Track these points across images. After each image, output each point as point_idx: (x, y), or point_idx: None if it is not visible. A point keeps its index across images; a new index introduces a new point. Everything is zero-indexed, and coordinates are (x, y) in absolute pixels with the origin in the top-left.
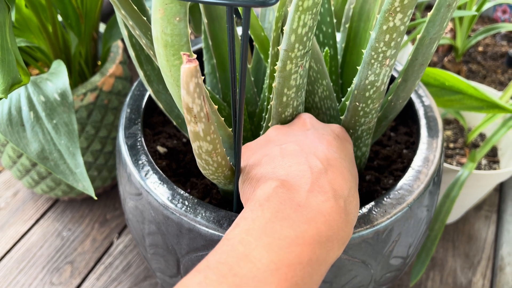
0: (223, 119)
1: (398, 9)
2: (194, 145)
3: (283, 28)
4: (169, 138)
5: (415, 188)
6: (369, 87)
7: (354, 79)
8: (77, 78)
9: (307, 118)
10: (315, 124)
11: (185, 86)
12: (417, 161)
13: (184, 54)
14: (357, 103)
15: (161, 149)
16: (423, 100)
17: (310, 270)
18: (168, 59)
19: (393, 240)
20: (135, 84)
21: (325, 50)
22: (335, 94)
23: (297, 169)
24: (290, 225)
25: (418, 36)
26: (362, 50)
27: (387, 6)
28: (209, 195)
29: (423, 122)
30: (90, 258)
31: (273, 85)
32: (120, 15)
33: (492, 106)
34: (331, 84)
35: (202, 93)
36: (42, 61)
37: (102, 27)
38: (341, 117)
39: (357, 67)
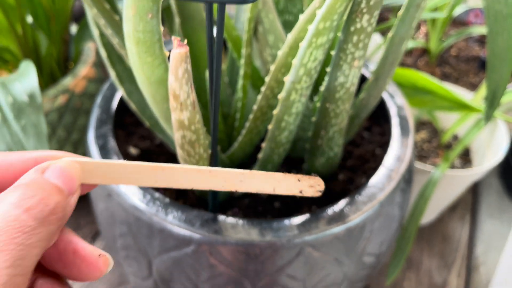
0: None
1: (364, 10)
2: (178, 135)
3: (257, 31)
4: (142, 139)
5: (386, 185)
6: (338, 88)
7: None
8: (48, 80)
9: None
10: None
11: (173, 72)
12: (388, 159)
13: (175, 38)
14: (327, 105)
15: (133, 151)
16: (396, 100)
17: None
18: (140, 56)
19: (365, 237)
20: (106, 84)
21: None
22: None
23: None
24: None
25: (389, 35)
26: (331, 53)
27: (354, 7)
28: (183, 196)
29: (395, 120)
30: None
31: (274, 112)
32: (91, 13)
33: (462, 106)
34: None
35: (190, 80)
36: (11, 63)
37: (74, 29)
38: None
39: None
